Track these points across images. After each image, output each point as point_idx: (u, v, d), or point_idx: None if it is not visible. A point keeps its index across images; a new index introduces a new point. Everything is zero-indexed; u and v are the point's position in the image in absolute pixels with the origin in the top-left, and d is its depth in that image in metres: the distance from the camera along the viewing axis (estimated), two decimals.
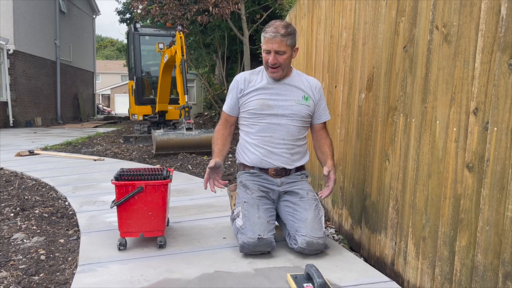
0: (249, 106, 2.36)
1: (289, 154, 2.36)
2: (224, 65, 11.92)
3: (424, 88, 1.77)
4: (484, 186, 1.40)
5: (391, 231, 2.04)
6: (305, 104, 2.37)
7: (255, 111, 2.34)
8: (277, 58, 2.26)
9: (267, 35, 2.25)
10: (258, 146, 2.36)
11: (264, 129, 2.34)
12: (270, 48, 2.25)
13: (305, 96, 2.38)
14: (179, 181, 4.17)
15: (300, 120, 2.37)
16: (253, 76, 2.41)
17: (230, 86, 2.46)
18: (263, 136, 2.35)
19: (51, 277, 2.00)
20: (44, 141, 8.21)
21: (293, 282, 1.82)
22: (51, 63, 15.38)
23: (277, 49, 2.24)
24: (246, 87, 2.38)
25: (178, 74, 6.36)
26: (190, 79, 17.15)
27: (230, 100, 2.44)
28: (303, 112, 2.36)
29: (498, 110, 1.34)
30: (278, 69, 2.30)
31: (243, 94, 2.38)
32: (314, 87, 2.43)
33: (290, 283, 1.85)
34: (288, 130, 2.34)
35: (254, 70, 2.47)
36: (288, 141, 2.35)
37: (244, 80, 2.39)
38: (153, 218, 2.28)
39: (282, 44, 2.24)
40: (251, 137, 2.38)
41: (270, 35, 2.24)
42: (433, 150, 1.70)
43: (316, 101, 2.41)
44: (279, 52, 2.25)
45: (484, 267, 1.40)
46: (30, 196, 3.57)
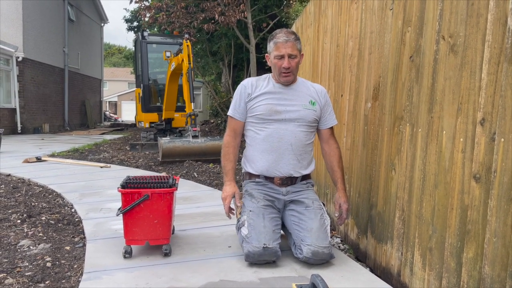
0: (257, 110, 2.35)
1: (296, 160, 2.35)
2: (230, 73, 11.98)
3: (430, 98, 1.77)
4: (492, 197, 1.39)
5: (398, 242, 2.02)
6: (312, 109, 2.37)
7: (263, 116, 2.33)
8: (290, 62, 2.28)
9: (280, 40, 2.27)
10: (265, 152, 2.35)
11: (272, 134, 2.34)
12: (284, 52, 2.26)
13: (312, 101, 2.39)
14: (185, 188, 4.18)
15: (307, 125, 2.37)
16: (260, 82, 2.41)
17: (236, 91, 2.43)
18: (271, 141, 2.34)
19: (57, 284, 2.01)
20: (51, 148, 8.27)
21: None
22: (59, 70, 15.55)
23: (290, 53, 2.26)
24: (253, 91, 2.37)
25: (184, 82, 6.41)
26: (196, 86, 17.23)
27: (237, 105, 2.41)
28: (310, 117, 2.36)
29: (505, 120, 1.33)
30: (290, 74, 2.32)
31: (250, 98, 2.37)
32: (320, 92, 2.44)
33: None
34: (296, 135, 2.34)
35: (260, 77, 2.47)
36: (296, 146, 2.34)
37: (251, 84, 2.39)
38: (158, 226, 2.28)
39: (294, 47, 2.28)
40: (258, 143, 2.37)
41: (283, 39, 2.26)
42: (440, 160, 1.69)
43: (322, 105, 2.41)
44: (292, 55, 2.27)
45: (491, 279, 1.38)
46: (37, 203, 3.59)
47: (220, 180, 4.75)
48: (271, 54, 2.32)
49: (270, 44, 2.32)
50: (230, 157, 2.42)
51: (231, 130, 2.45)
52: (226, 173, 2.42)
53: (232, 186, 2.37)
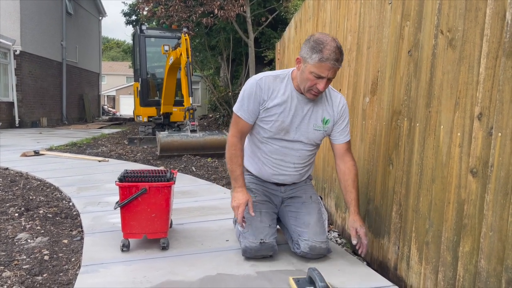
0: (266, 125, 2.16)
1: (298, 175, 2.31)
2: (229, 68, 11.95)
3: (428, 93, 1.77)
4: (488, 191, 1.39)
5: (394, 236, 2.03)
6: (322, 129, 2.19)
7: (270, 134, 2.17)
8: (326, 84, 2.02)
9: (327, 62, 1.93)
10: (266, 165, 2.27)
11: (276, 151, 2.21)
12: (326, 74, 1.96)
13: (325, 118, 2.18)
14: (183, 183, 4.18)
15: (314, 145, 2.25)
16: (277, 84, 2.13)
17: (248, 87, 2.14)
18: (273, 158, 2.23)
19: (54, 277, 2.01)
20: (49, 142, 8.25)
21: (295, 285, 1.82)
22: (57, 64, 15.48)
23: (331, 76, 2.01)
24: (268, 97, 2.11)
25: (183, 76, 6.39)
26: (195, 81, 17.20)
27: (248, 105, 2.13)
28: (318, 139, 2.24)
29: (502, 115, 1.33)
30: (319, 94, 2.10)
31: (265, 107, 2.12)
32: (337, 105, 2.20)
33: (292, 286, 1.85)
34: (300, 154, 2.23)
35: (278, 75, 2.17)
36: (299, 164, 2.26)
37: (268, 87, 2.11)
38: (156, 219, 2.28)
39: (336, 71, 2.02)
40: (260, 153, 2.26)
41: (331, 63, 1.93)
42: (437, 154, 1.69)
43: (335, 120, 2.20)
44: (331, 79, 2.03)
45: (487, 273, 1.39)
46: (35, 197, 3.59)
47: (218, 174, 4.76)
48: (309, 66, 1.97)
49: (313, 56, 1.94)
50: (239, 161, 2.18)
51: (238, 130, 2.19)
52: (235, 178, 2.17)
53: (245, 193, 2.13)
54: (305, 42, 2.02)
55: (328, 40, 1.96)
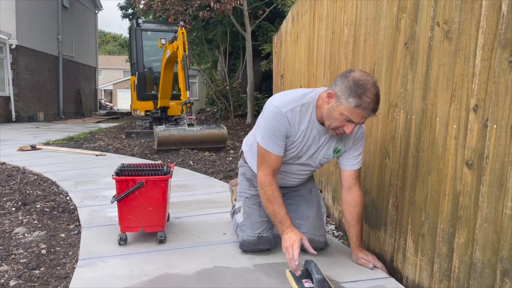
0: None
1: (301, 181, 2.28)
2: (226, 61, 11.91)
3: (424, 85, 1.77)
4: (483, 183, 1.39)
5: (391, 228, 2.04)
6: (331, 157, 2.10)
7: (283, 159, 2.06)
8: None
9: (364, 112, 1.76)
10: None
11: (283, 171, 2.13)
12: (357, 121, 1.80)
13: (337, 149, 2.06)
14: (180, 176, 4.18)
15: (320, 166, 2.19)
16: (302, 115, 1.94)
17: (274, 118, 1.92)
18: (278, 175, 2.11)
19: (52, 271, 2.01)
20: (46, 136, 8.23)
21: (292, 278, 1.83)
22: (53, 58, 15.39)
23: (362, 123, 1.86)
24: (295, 132, 1.96)
25: (180, 69, 6.36)
26: (192, 74, 17.15)
27: (278, 139, 1.95)
28: (325, 164, 2.18)
29: (498, 107, 1.33)
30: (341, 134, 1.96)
31: (289, 142, 1.99)
32: (354, 133, 2.02)
33: (289, 279, 1.86)
34: (306, 172, 2.21)
35: (304, 103, 1.94)
36: (303, 176, 2.23)
37: (294, 120, 1.93)
38: (153, 213, 2.29)
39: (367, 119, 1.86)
40: None
41: (367, 112, 1.76)
42: (433, 147, 1.69)
43: (347, 149, 2.07)
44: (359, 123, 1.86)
45: (482, 264, 1.40)
46: (32, 191, 3.58)
47: (216, 168, 4.76)
48: (341, 107, 1.78)
49: (350, 99, 1.75)
50: (279, 201, 1.99)
51: (270, 168, 1.99)
52: (280, 221, 1.97)
53: (296, 232, 1.94)
54: (342, 78, 1.81)
55: (369, 85, 1.75)
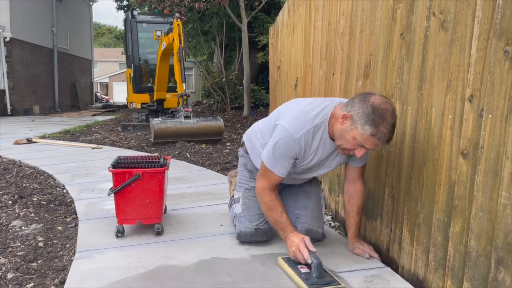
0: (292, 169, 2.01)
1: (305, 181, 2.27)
2: (222, 53, 11.86)
3: (420, 75, 1.77)
4: (478, 172, 1.40)
5: (387, 218, 2.05)
6: (343, 162, 2.08)
7: (294, 171, 2.04)
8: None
9: (378, 141, 1.71)
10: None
11: (293, 176, 2.10)
12: (370, 147, 1.76)
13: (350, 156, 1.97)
14: (177, 169, 4.18)
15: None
16: (314, 135, 1.90)
17: (286, 144, 1.88)
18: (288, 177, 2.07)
19: (49, 263, 2.02)
20: (42, 129, 8.19)
21: (286, 264, 1.84)
22: (48, 51, 15.26)
23: (372, 149, 1.81)
24: (305, 153, 1.93)
25: (176, 62, 6.33)
26: (188, 67, 17.07)
27: (286, 163, 1.93)
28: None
29: (493, 97, 1.34)
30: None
31: (300, 160, 1.96)
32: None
33: (282, 266, 1.87)
34: (313, 177, 2.21)
35: (317, 124, 1.88)
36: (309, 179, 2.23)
37: (305, 145, 1.89)
38: (150, 205, 2.29)
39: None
40: None
41: (381, 142, 1.72)
42: (429, 137, 1.70)
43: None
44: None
45: (477, 252, 1.41)
46: (28, 184, 3.58)
47: (213, 160, 4.76)
48: (356, 132, 1.73)
49: (366, 127, 1.69)
50: (279, 208, 1.98)
51: (272, 184, 1.99)
52: (282, 228, 1.97)
53: (297, 234, 1.92)
54: (361, 101, 1.74)
55: (388, 113, 1.69)
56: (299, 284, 1.72)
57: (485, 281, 1.37)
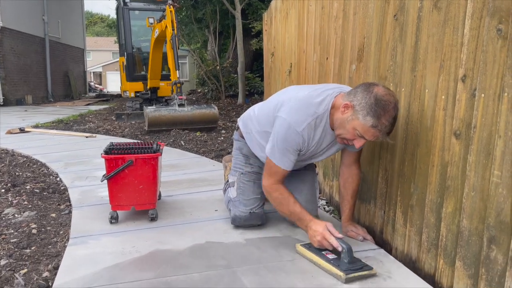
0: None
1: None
2: (216, 41, 11.76)
3: (413, 57, 1.76)
4: (471, 152, 1.40)
5: (380, 201, 2.06)
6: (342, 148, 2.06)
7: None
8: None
9: (379, 133, 1.69)
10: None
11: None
12: (369, 138, 1.74)
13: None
14: (172, 156, 4.17)
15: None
16: (317, 127, 1.87)
17: (289, 138, 1.85)
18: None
19: (43, 250, 2.01)
20: (35, 119, 8.13)
21: (309, 251, 1.82)
22: (39, 40, 15.07)
23: (372, 140, 1.79)
24: (307, 146, 1.91)
25: (169, 49, 6.27)
26: (182, 55, 16.92)
27: (291, 157, 1.91)
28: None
29: (486, 76, 1.33)
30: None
31: (303, 152, 1.94)
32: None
33: (305, 253, 1.84)
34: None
35: (318, 114, 1.85)
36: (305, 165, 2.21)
37: (308, 137, 1.87)
38: (144, 191, 2.28)
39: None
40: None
41: (381, 134, 1.70)
42: (422, 119, 1.70)
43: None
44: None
45: (469, 232, 1.42)
46: (21, 173, 3.55)
47: (207, 147, 4.75)
48: (356, 122, 1.71)
49: (367, 118, 1.66)
50: (291, 199, 1.94)
51: (278, 179, 1.96)
52: (299, 218, 1.92)
53: (318, 222, 1.85)
54: (364, 91, 1.71)
55: (391, 106, 1.66)
56: (332, 270, 1.67)
57: (477, 259, 1.38)
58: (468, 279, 1.43)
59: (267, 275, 1.67)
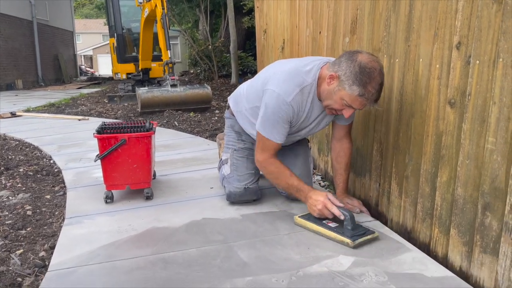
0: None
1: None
2: (207, 20, 11.57)
3: (407, 27, 1.73)
4: (465, 120, 1.40)
5: (375, 173, 2.06)
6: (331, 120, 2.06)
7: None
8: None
9: (366, 102, 1.69)
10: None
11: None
12: (357, 107, 1.73)
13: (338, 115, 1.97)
14: (165, 136, 4.15)
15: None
16: (304, 98, 1.86)
17: (279, 109, 1.83)
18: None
19: (39, 230, 2.00)
20: (26, 103, 8.03)
21: (308, 222, 1.83)
22: (27, 22, 14.76)
23: (361, 109, 1.80)
24: (297, 118, 1.90)
25: (159, 28, 6.15)
26: (173, 36, 16.68)
27: (283, 129, 1.89)
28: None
29: (480, 42, 1.31)
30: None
31: (292, 123, 1.92)
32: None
33: (305, 224, 1.85)
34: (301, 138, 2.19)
35: (306, 85, 1.84)
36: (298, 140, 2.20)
37: (298, 107, 1.86)
38: (138, 170, 2.27)
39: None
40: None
41: (369, 102, 1.69)
42: (416, 89, 1.68)
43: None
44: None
45: (463, 199, 1.42)
46: (14, 156, 3.52)
47: (201, 127, 4.72)
48: (343, 93, 1.70)
49: (353, 87, 1.66)
50: (286, 172, 1.94)
51: (271, 153, 1.95)
52: (297, 189, 1.92)
53: (318, 192, 1.87)
54: (347, 60, 1.69)
55: (376, 72, 1.65)
56: (338, 238, 1.70)
57: (472, 227, 1.39)
58: (463, 246, 1.44)
59: (264, 248, 1.68)
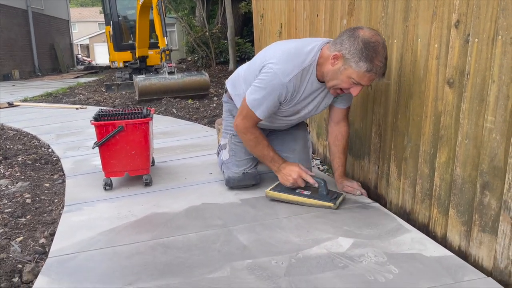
0: (279, 111, 1.98)
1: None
2: (204, 6, 11.46)
3: (405, 6, 1.71)
4: (464, 100, 1.39)
5: (374, 156, 2.06)
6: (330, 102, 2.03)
7: (281, 115, 2.01)
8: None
9: (375, 76, 1.67)
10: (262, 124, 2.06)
11: (279, 121, 2.08)
12: (366, 83, 1.70)
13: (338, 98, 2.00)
14: (164, 124, 4.14)
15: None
16: (303, 80, 1.84)
17: (272, 87, 1.81)
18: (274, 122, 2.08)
19: (38, 218, 2.01)
20: (23, 93, 7.99)
21: (282, 193, 1.92)
22: (22, 12, 14.61)
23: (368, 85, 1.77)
24: (292, 97, 1.88)
25: (155, 15, 6.08)
26: (170, 23, 16.51)
27: (270, 107, 1.88)
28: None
29: (479, 20, 1.30)
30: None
31: (285, 102, 1.90)
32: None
33: (278, 196, 1.94)
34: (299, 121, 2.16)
35: (305, 66, 1.81)
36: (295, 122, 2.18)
37: (294, 88, 1.83)
38: (136, 157, 2.26)
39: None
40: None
41: (378, 76, 1.68)
42: (415, 70, 1.67)
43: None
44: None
45: (462, 179, 1.42)
46: (12, 145, 3.51)
47: (200, 114, 4.70)
48: (350, 71, 1.67)
49: (360, 64, 1.63)
50: (264, 142, 1.98)
51: (254, 124, 1.95)
52: (271, 160, 1.98)
53: (291, 164, 1.96)
54: (350, 37, 1.66)
55: (380, 46, 1.63)
56: (318, 203, 1.85)
57: (471, 206, 1.39)
58: (462, 226, 1.44)
59: (263, 231, 1.69)
